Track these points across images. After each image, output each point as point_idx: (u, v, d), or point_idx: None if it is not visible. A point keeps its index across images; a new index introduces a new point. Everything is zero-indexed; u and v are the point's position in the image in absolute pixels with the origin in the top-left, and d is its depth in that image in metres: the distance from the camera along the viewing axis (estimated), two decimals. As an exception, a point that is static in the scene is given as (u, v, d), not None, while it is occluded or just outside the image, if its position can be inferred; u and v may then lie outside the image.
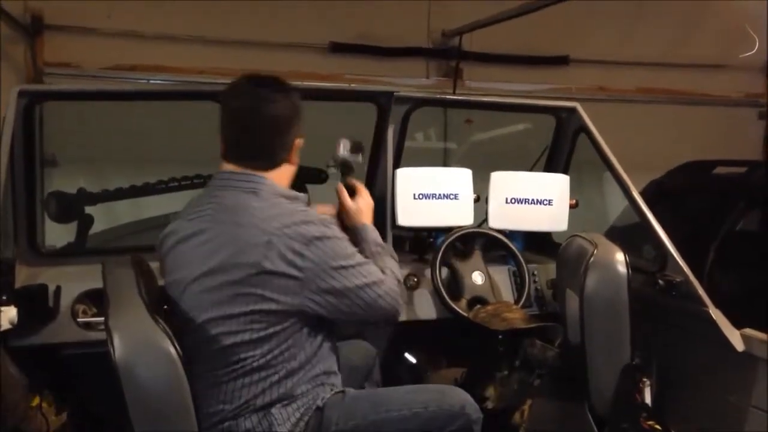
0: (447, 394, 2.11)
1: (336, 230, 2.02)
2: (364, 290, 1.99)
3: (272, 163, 2.07)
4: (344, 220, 2.31)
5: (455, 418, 2.05)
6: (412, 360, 3.24)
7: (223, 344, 1.96)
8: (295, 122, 2.08)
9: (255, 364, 1.98)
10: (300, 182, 3.12)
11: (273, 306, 1.93)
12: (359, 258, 2.03)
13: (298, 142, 2.11)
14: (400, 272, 2.20)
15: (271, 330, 1.96)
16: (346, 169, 2.42)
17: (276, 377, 2.00)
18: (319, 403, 2.04)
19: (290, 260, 1.91)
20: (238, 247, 1.92)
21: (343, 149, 2.43)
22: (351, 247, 2.05)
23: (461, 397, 2.12)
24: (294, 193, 2.09)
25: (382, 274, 2.06)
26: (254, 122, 2.03)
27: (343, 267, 1.97)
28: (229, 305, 1.94)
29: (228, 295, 1.94)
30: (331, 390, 2.09)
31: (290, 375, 2.01)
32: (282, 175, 2.09)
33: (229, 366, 1.98)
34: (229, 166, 2.07)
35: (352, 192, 2.36)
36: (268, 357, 1.98)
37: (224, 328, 1.95)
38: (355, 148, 2.43)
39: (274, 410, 1.99)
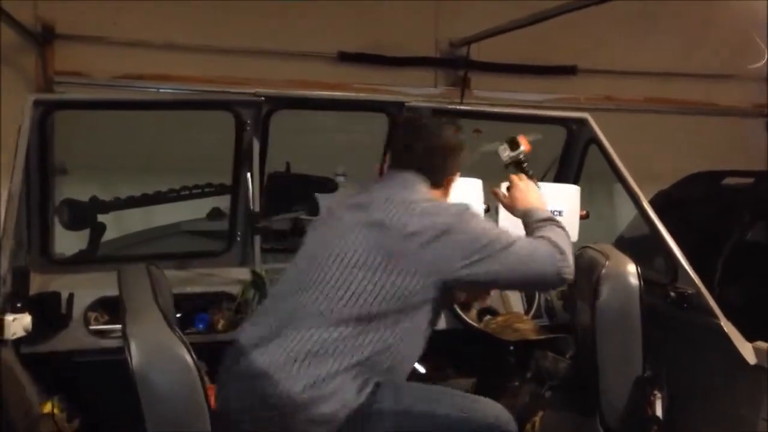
0: (489, 407, 2.12)
1: (475, 212, 2.15)
2: (507, 253, 2.05)
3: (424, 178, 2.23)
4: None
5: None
6: (421, 370, 3.23)
7: (353, 303, 1.98)
8: (450, 158, 2.27)
9: (357, 343, 1.98)
10: (309, 192, 3.15)
11: (416, 281, 2.00)
12: (502, 229, 2.14)
13: (448, 179, 2.28)
14: (567, 241, 2.22)
15: (395, 306, 2.00)
16: (518, 165, 2.50)
17: (362, 355, 1.98)
18: (378, 379, 2.03)
19: (433, 234, 2.02)
20: (387, 216, 2.06)
21: (506, 152, 2.53)
22: (493, 224, 2.19)
23: (504, 414, 2.12)
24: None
25: (533, 240, 2.14)
26: (421, 142, 2.25)
27: (487, 237, 2.06)
28: (378, 268, 2.01)
29: (381, 258, 2.01)
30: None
31: (378, 353, 2.01)
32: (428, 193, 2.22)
33: (338, 325, 1.97)
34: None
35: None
36: (374, 341, 1.99)
37: (360, 287, 1.99)
38: (512, 145, 2.51)
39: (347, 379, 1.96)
